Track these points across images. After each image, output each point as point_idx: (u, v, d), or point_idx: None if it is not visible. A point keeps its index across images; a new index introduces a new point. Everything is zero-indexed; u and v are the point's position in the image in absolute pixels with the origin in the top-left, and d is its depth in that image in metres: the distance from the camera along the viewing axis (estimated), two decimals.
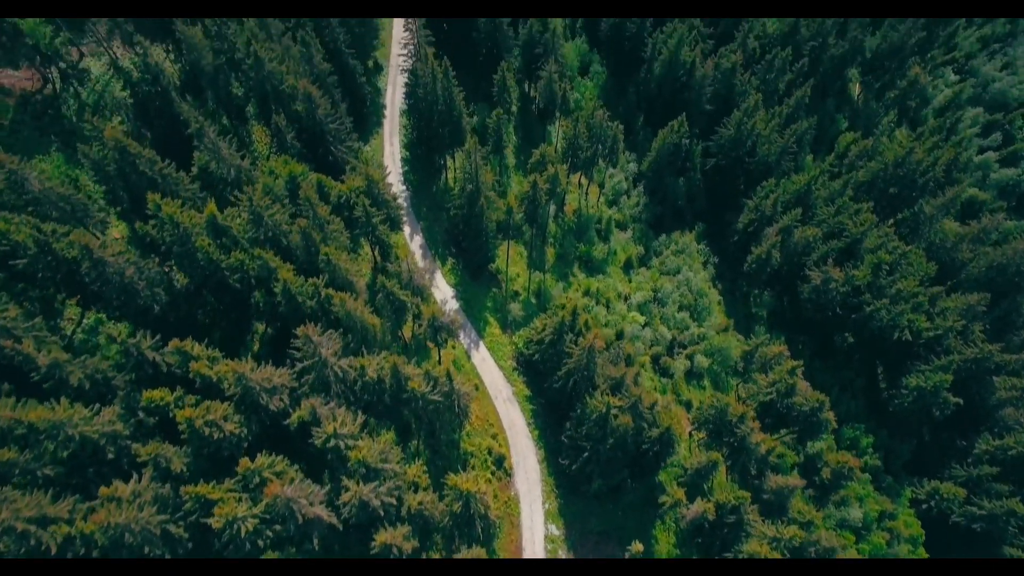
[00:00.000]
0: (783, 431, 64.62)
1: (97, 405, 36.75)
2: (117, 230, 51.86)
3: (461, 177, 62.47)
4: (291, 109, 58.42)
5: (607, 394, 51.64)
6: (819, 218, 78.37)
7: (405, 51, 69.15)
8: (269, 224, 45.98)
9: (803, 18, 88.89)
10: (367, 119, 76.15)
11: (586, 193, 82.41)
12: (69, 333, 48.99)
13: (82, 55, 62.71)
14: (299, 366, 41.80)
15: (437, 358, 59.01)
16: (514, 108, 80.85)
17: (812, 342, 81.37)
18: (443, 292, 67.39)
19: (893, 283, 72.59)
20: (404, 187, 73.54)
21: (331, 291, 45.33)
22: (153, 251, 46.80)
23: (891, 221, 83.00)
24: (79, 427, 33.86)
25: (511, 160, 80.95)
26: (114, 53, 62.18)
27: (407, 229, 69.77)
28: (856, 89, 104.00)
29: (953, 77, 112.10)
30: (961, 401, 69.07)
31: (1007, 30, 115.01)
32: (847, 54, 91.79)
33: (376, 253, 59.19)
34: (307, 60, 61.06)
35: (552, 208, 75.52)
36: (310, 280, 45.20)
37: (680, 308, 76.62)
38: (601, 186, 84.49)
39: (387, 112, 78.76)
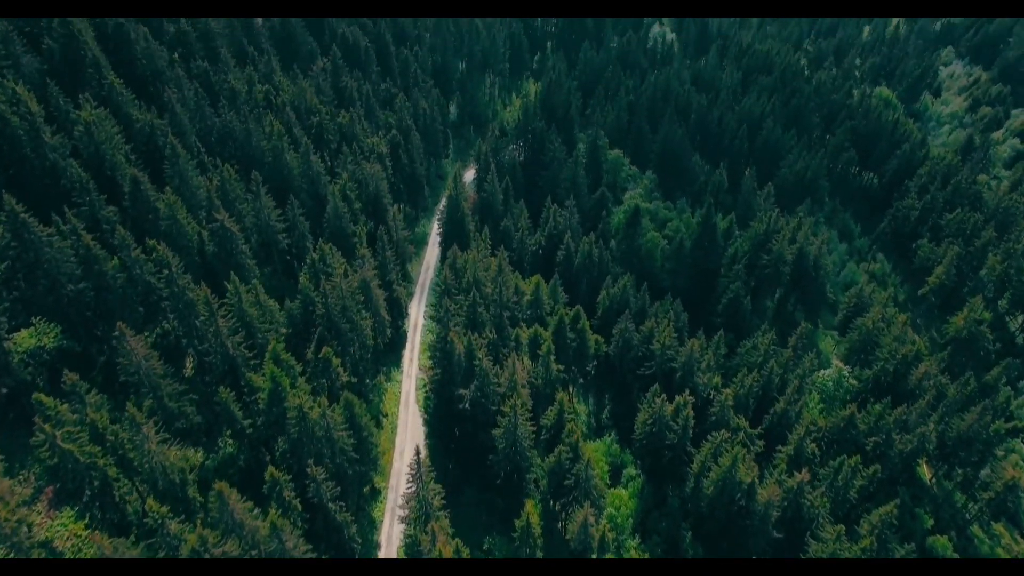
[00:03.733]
0: None
1: None
2: None
3: None
4: None
5: None
6: None
7: (406, 506, 55.53)
8: None
9: (857, 414, 79.82)
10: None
11: None
12: None
13: None
14: None
15: None
16: (539, 552, 64.97)
17: None
18: None
19: None
20: None
21: None
22: None
23: None
24: None
25: None
26: None
27: None
28: (926, 473, 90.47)
29: None
30: None
31: None
32: (916, 449, 79.80)
33: None
34: (277, 541, 46.56)
35: None
36: None
37: None
38: None
39: (381, 552, 62.67)
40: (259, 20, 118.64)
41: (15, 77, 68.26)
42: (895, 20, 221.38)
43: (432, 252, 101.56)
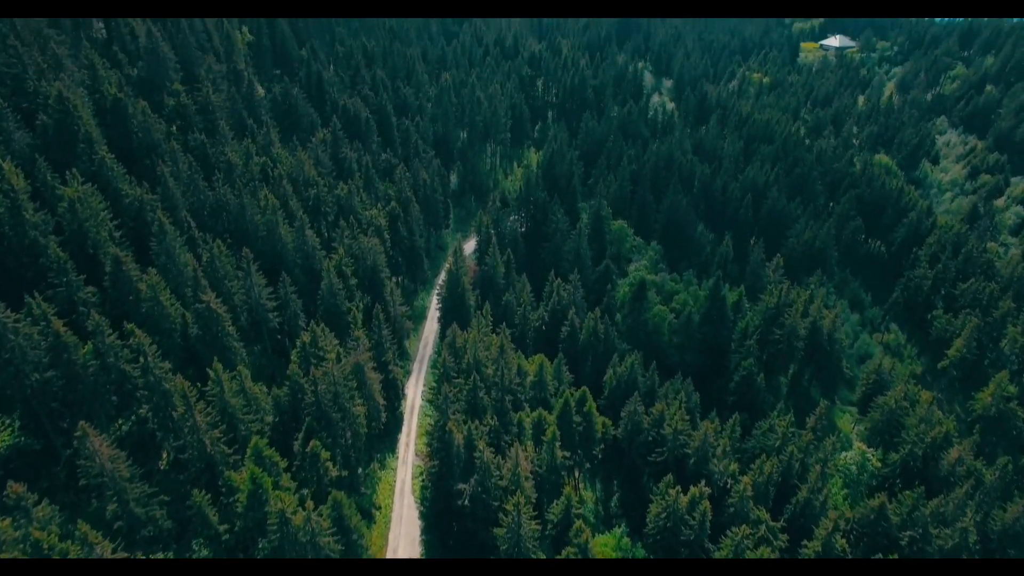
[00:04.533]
0: None
1: None
2: None
3: None
4: None
5: None
6: None
7: None
8: None
9: (888, 504, 73.89)
10: None
11: None
12: None
13: None
14: None
15: None
16: None
17: None
18: None
19: None
20: None
21: None
22: None
23: None
24: None
25: None
26: None
27: None
28: None
29: None
30: None
31: None
32: (957, 546, 73.24)
33: None
34: None
35: None
36: None
37: None
38: None
39: None
40: (260, 90, 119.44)
41: (3, 153, 66.42)
42: (888, 91, 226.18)
43: (431, 326, 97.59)
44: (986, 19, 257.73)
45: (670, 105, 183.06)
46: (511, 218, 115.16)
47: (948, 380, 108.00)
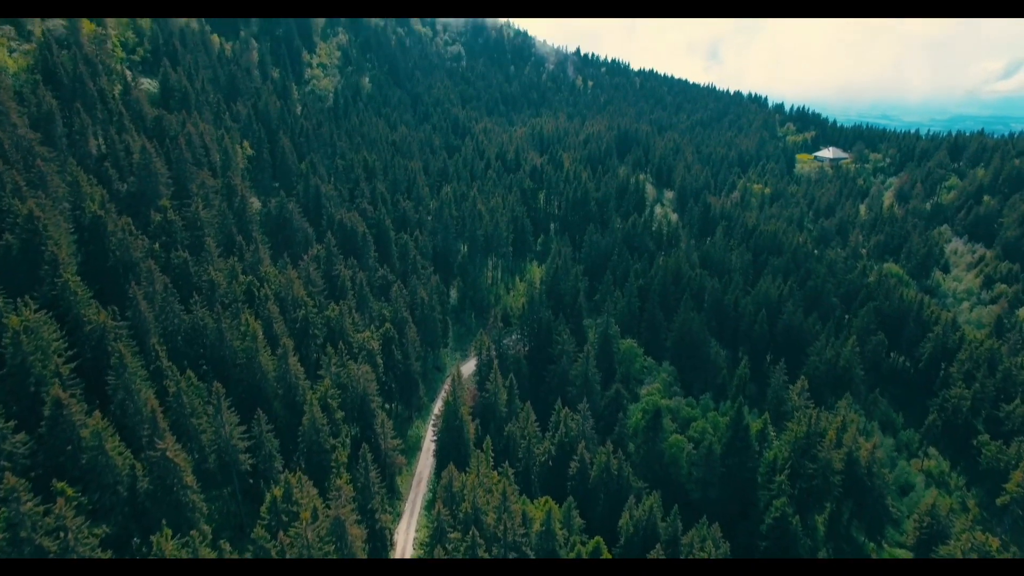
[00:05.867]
0: None
1: None
2: None
3: None
4: None
5: None
6: None
7: None
8: None
9: None
10: None
11: None
12: None
13: None
14: None
15: None
16: None
17: None
18: None
19: None
20: None
21: None
22: None
23: None
24: None
25: None
26: None
27: None
28: None
29: None
30: None
31: None
32: None
33: None
34: None
35: None
36: None
37: None
38: None
39: None
40: (256, 204, 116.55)
41: None
42: (888, 200, 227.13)
43: (426, 460, 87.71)
44: (970, 134, 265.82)
45: (673, 217, 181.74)
46: (513, 337, 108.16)
47: (1012, 519, 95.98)
